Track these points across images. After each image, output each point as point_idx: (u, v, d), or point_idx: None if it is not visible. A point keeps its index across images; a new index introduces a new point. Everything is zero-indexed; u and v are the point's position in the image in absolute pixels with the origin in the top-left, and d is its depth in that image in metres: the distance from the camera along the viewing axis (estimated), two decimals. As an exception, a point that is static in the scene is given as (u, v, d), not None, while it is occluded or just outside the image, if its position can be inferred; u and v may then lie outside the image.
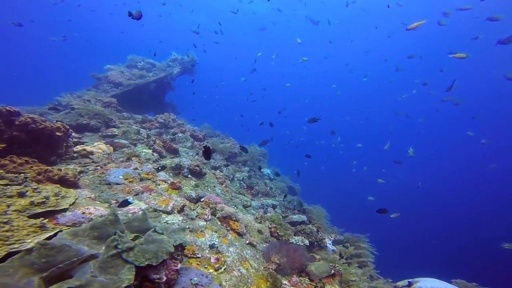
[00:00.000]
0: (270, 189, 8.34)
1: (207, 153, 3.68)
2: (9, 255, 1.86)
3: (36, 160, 3.77)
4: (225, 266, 3.16)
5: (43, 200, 2.76)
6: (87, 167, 4.48)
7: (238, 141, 10.51)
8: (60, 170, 3.52)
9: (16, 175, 3.07)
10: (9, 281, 1.62)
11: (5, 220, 2.06)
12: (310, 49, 30.73)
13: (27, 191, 2.77)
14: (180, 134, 8.04)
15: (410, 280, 4.24)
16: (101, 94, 9.55)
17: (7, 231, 2.00)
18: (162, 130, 8.36)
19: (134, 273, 1.75)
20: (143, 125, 8.19)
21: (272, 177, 10.25)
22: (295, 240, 4.48)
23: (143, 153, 5.65)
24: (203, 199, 4.55)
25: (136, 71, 11.67)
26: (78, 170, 4.27)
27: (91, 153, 5.11)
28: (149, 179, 4.67)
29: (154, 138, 6.50)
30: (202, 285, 2.40)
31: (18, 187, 2.81)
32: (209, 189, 5.44)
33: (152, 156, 5.74)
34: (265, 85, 22.22)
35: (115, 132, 6.80)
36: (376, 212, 6.56)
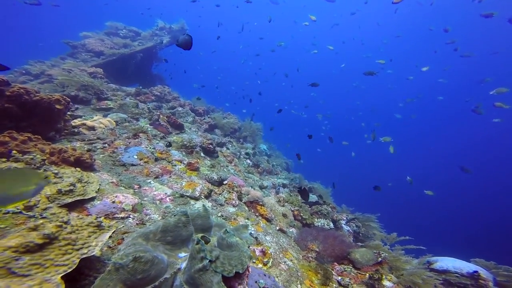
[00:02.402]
0: (273, 166, 8.27)
1: (305, 194, 3.53)
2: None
3: (39, 137, 3.23)
4: (271, 259, 2.96)
5: (71, 187, 2.36)
6: (93, 144, 3.97)
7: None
8: (75, 149, 3.05)
9: (32, 157, 2.57)
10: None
11: (65, 219, 1.70)
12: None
13: (49, 176, 2.34)
14: (180, 109, 7.47)
15: (428, 259, 4.27)
16: (80, 64, 8.47)
17: (71, 232, 1.65)
18: (159, 103, 7.70)
19: (224, 286, 1.55)
20: (137, 98, 7.46)
21: (268, 153, 10.17)
22: (320, 224, 4.48)
23: (149, 129, 5.16)
24: (226, 181, 4.31)
25: (119, 39, 10.45)
26: (85, 149, 3.78)
27: (93, 128, 4.55)
28: (163, 159, 4.30)
29: (158, 113, 5.95)
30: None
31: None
32: (224, 170, 5.18)
33: (159, 132, 5.28)
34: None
35: (109, 105, 6.12)
36: (373, 189, 6.74)
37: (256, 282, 2.15)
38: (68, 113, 4.83)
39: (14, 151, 2.54)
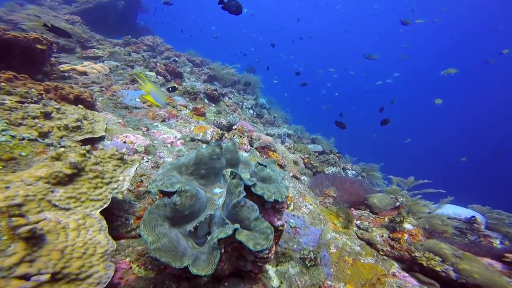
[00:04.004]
0: (274, 118, 8.08)
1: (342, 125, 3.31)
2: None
3: (26, 76, 2.85)
4: (293, 203, 2.89)
5: (77, 123, 2.11)
6: (90, 88, 3.61)
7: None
8: (72, 87, 2.72)
9: (26, 90, 2.26)
10: (166, 232, 1.28)
11: (87, 148, 1.49)
12: None
13: (52, 112, 2.07)
14: (176, 59, 6.89)
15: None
16: (48, 11, 7.46)
17: (96, 163, 1.45)
18: (153, 53, 7.07)
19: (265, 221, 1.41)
20: (127, 48, 6.80)
21: (268, 107, 9.90)
22: (332, 171, 4.43)
23: (148, 74, 4.75)
24: (235, 126, 4.10)
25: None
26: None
27: (85, 73, 4.12)
28: (167, 104, 4.00)
29: (155, 60, 5.45)
30: (299, 228, 2.17)
31: (37, 106, 2.07)
32: (231, 117, 4.94)
33: (158, 79, 4.88)
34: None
35: (98, 53, 5.55)
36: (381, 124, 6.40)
37: (286, 222, 2.09)
38: (52, 57, 4.33)
39: (3, 84, 2.20)
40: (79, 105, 2.47)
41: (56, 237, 1.19)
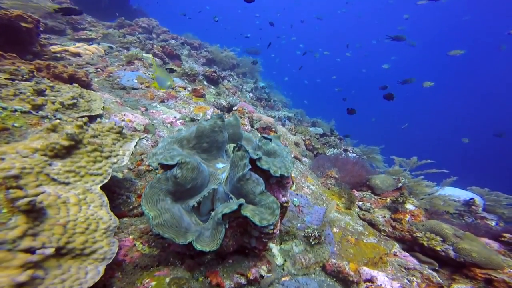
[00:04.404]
0: (274, 102, 7.98)
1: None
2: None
3: (14, 55, 2.73)
4: (295, 183, 2.85)
5: (74, 101, 2.03)
6: (85, 69, 3.49)
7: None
8: (66, 66, 2.61)
9: (16, 67, 2.16)
10: (169, 207, 1.22)
11: (84, 120, 1.42)
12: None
13: (45, 90, 1.98)
14: (172, 41, 6.69)
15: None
16: None
17: (94, 136, 1.39)
18: (149, 35, 6.84)
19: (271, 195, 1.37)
20: (121, 30, 6.55)
21: (267, 91, 9.76)
22: (333, 153, 4.40)
23: (145, 56, 4.61)
24: (235, 107, 4.02)
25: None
26: (76, 74, 3.32)
27: (78, 55, 3.98)
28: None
29: (151, 42, 5.26)
30: (303, 206, 2.14)
31: (29, 83, 1.98)
32: (231, 98, 4.84)
33: (155, 62, 4.73)
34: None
35: (90, 35, 5.35)
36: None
37: (289, 200, 2.06)
38: (42, 38, 4.16)
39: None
40: (74, 84, 2.38)
41: (57, 211, 1.15)
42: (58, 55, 3.67)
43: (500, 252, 2.97)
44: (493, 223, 3.91)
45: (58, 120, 1.40)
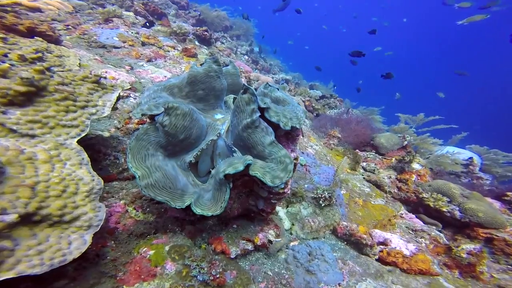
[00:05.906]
0: (270, 66, 7.57)
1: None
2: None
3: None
4: (298, 143, 2.69)
5: (38, 55, 1.69)
6: (51, 25, 3.04)
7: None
8: (19, 17, 2.21)
9: None
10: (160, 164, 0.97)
11: (44, 65, 1.14)
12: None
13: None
14: (156, 0, 6.01)
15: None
16: None
17: (63, 84, 1.12)
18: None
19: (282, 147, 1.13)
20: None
21: (263, 56, 9.24)
22: (334, 113, 4.17)
23: (125, 15, 4.10)
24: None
25: None
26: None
27: (38, 10, 3.43)
28: (152, 44, 3.50)
29: (131, -3, 4.68)
30: (310, 166, 1.94)
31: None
32: (225, 58, 4.46)
33: (138, 20, 4.24)
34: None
35: (63, -10, 4.70)
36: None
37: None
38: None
39: None
40: (37, 38, 2.01)
41: (21, 170, 0.93)
42: (8, 9, 3.13)
43: (501, 211, 2.95)
44: (487, 183, 3.86)
45: (7, 64, 1.11)
